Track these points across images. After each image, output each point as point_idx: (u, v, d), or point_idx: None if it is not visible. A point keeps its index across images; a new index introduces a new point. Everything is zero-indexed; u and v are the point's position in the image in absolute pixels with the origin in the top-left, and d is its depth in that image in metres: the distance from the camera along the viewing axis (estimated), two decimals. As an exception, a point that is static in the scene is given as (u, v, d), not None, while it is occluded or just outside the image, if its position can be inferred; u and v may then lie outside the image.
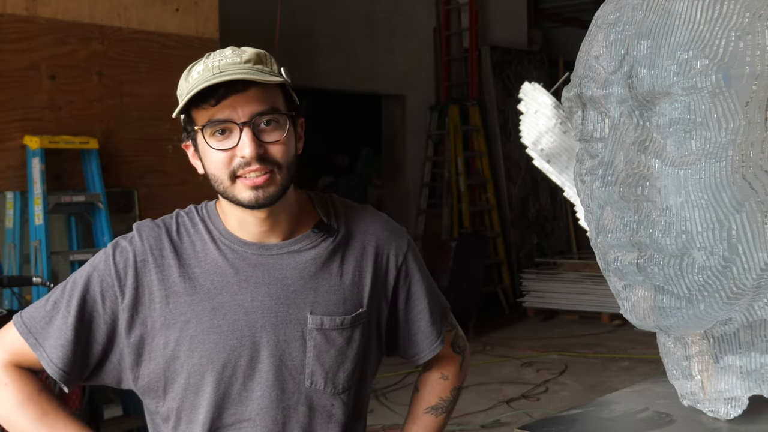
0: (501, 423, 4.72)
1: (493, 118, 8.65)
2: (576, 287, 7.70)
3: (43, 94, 3.97)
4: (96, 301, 1.38)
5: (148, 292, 1.38)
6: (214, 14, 4.62)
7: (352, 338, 1.43)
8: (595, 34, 1.12)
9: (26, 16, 3.91)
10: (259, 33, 6.14)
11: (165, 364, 1.38)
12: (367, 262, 1.47)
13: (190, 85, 1.32)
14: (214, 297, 1.38)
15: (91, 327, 1.38)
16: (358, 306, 1.44)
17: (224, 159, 1.32)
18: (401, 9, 8.35)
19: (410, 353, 1.56)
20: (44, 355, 1.37)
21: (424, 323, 1.54)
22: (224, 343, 1.37)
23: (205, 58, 1.35)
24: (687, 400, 1.23)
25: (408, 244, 1.53)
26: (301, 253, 1.42)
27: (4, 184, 3.88)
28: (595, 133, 1.13)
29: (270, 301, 1.39)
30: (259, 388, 1.39)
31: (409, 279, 1.52)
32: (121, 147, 4.19)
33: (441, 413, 1.61)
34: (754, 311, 1.08)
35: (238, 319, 1.38)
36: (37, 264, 3.77)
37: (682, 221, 1.01)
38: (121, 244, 1.41)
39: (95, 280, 1.38)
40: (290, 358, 1.40)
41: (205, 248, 1.41)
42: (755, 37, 0.97)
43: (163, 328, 1.38)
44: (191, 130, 1.36)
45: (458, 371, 1.63)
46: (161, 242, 1.40)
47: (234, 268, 1.39)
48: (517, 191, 8.77)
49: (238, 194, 1.34)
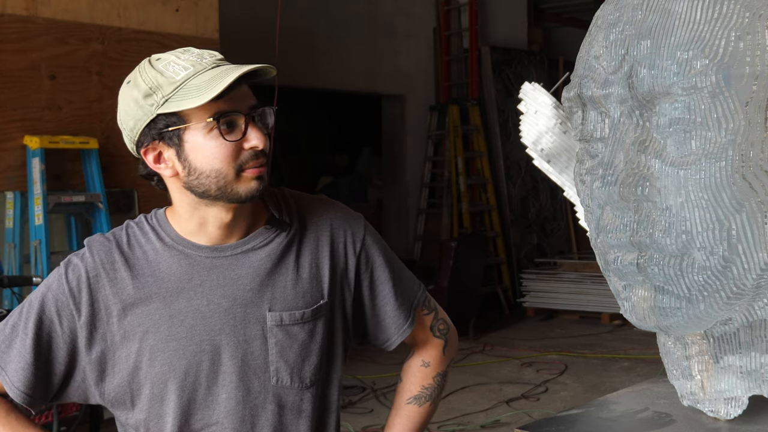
0: (501, 423, 4.72)
1: (493, 118, 8.65)
2: (576, 287, 7.70)
3: (43, 94, 3.97)
4: (53, 321, 1.37)
5: (104, 306, 1.37)
6: (214, 14, 4.63)
7: (314, 331, 1.42)
8: (595, 34, 1.12)
9: (26, 16, 3.91)
10: (259, 33, 6.15)
11: (129, 376, 1.38)
12: (323, 252, 1.45)
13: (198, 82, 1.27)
14: (170, 305, 1.37)
15: (50, 347, 1.37)
16: (318, 298, 1.43)
17: (233, 152, 1.30)
18: (401, 9, 8.35)
19: (381, 340, 1.54)
20: (6, 380, 1.37)
21: (390, 307, 1.51)
22: (184, 349, 1.37)
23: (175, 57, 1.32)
24: (687, 400, 1.23)
25: (365, 228, 1.50)
26: (255, 251, 1.40)
27: (4, 184, 3.88)
28: (595, 133, 1.13)
29: (226, 302, 1.38)
30: (224, 390, 1.38)
31: (371, 264, 1.50)
32: (121, 147, 4.16)
33: (425, 401, 1.59)
34: (754, 311, 1.08)
35: (196, 324, 1.37)
36: (37, 264, 3.77)
37: (682, 221, 1.01)
38: (73, 261, 1.39)
39: (50, 300, 1.37)
40: (253, 358, 1.39)
41: (158, 257, 1.39)
42: (755, 37, 0.97)
43: (123, 340, 1.37)
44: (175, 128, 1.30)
45: (441, 356, 1.60)
46: (112, 255, 1.38)
47: (188, 274, 1.38)
48: (517, 191, 8.77)
49: (240, 187, 1.32)
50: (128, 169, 4.21)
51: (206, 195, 1.34)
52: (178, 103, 1.28)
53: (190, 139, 1.31)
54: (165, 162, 1.34)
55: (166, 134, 1.31)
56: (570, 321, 7.75)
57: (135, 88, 1.32)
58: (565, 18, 10.32)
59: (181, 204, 1.38)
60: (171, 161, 1.34)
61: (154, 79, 1.30)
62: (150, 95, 1.30)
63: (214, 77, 1.27)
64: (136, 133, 1.34)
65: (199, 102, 1.26)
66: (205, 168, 1.31)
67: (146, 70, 1.33)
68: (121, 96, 1.36)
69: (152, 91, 1.30)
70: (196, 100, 1.26)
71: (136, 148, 1.36)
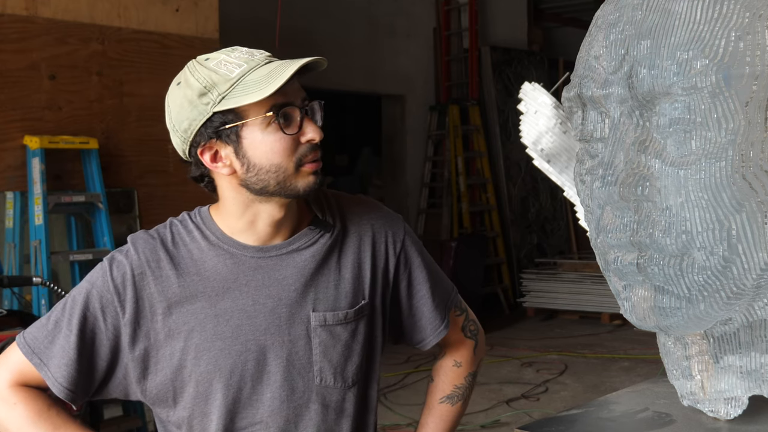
0: (501, 423, 4.72)
1: (493, 118, 8.65)
2: (576, 287, 7.70)
3: (43, 94, 3.97)
4: (97, 318, 1.37)
5: (148, 304, 1.37)
6: (214, 14, 4.62)
7: (356, 331, 1.43)
8: (595, 34, 1.12)
9: (26, 16, 3.91)
10: (259, 33, 6.15)
11: (172, 374, 1.38)
12: (365, 253, 1.46)
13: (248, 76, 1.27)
14: (215, 304, 1.37)
15: (93, 344, 1.37)
16: (360, 298, 1.44)
17: (291, 146, 1.30)
18: (401, 9, 8.35)
19: (416, 340, 1.56)
20: (49, 375, 1.37)
21: (427, 308, 1.53)
22: (229, 349, 1.37)
23: (225, 56, 1.31)
24: (687, 400, 1.23)
25: (404, 229, 1.52)
26: (299, 252, 1.41)
27: (4, 184, 3.88)
28: (595, 133, 1.13)
29: (272, 303, 1.38)
30: (268, 390, 1.39)
31: (410, 265, 1.51)
32: (121, 147, 4.19)
33: (457, 401, 1.61)
34: (754, 311, 1.08)
35: (242, 324, 1.38)
36: (37, 264, 3.77)
37: (682, 221, 1.01)
38: (117, 258, 1.39)
39: (94, 297, 1.37)
40: (297, 358, 1.40)
41: (203, 255, 1.39)
42: (755, 37, 0.97)
43: (168, 338, 1.37)
44: (232, 125, 1.29)
45: (472, 356, 1.62)
46: (157, 253, 1.38)
47: (234, 274, 1.38)
48: (517, 191, 8.77)
49: (299, 182, 1.32)
50: (128, 169, 4.22)
51: (264, 191, 1.33)
52: (237, 99, 1.27)
53: (248, 135, 1.30)
54: (222, 161, 1.33)
55: (223, 132, 1.31)
56: (570, 321, 7.75)
57: (188, 89, 1.31)
58: (565, 18, 10.32)
59: (233, 202, 1.37)
60: (228, 159, 1.33)
61: (207, 77, 1.29)
62: (205, 94, 1.29)
63: (271, 72, 1.27)
64: (190, 134, 1.33)
65: (262, 95, 1.25)
66: (265, 163, 1.31)
67: (197, 69, 1.31)
68: (171, 98, 1.35)
69: (207, 89, 1.29)
70: (257, 95, 1.26)
71: (190, 148, 1.35)
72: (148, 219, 4.21)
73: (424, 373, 5.64)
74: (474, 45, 8.57)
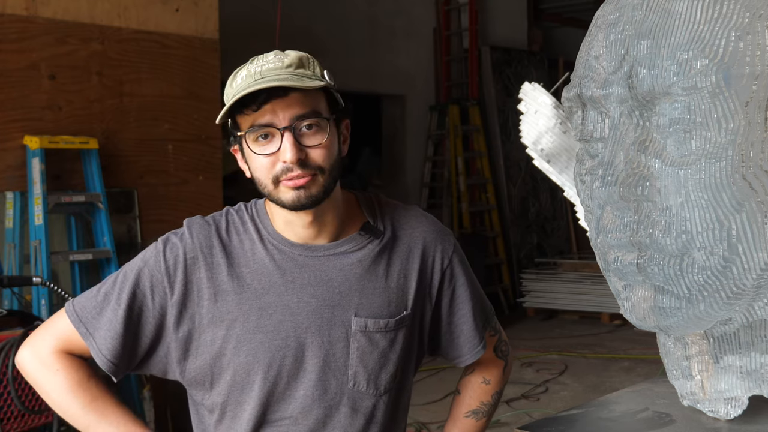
0: (501, 423, 4.71)
1: (493, 118, 8.65)
2: (576, 287, 7.70)
3: (43, 94, 3.96)
4: (146, 295, 1.40)
5: (197, 289, 1.40)
6: (214, 14, 4.62)
7: (395, 340, 1.44)
8: (595, 34, 1.12)
9: (26, 16, 3.91)
10: (259, 33, 6.15)
11: (211, 360, 1.40)
12: (413, 264, 1.47)
13: (234, 90, 1.33)
14: (261, 297, 1.39)
15: (140, 320, 1.40)
16: (402, 308, 1.45)
17: (267, 164, 1.33)
18: (401, 9, 8.35)
19: (452, 356, 1.57)
20: (94, 345, 1.39)
21: (467, 327, 1.54)
22: (270, 343, 1.39)
23: (249, 63, 1.35)
24: (687, 400, 1.23)
25: (454, 246, 1.53)
26: (347, 255, 1.43)
27: (4, 184, 3.87)
28: (595, 133, 1.13)
29: (315, 302, 1.40)
30: (302, 387, 1.41)
31: (454, 282, 1.52)
32: (121, 147, 4.19)
33: (482, 417, 1.63)
34: (754, 311, 1.08)
35: (284, 320, 1.39)
36: (37, 264, 3.77)
37: (682, 221, 1.01)
38: (172, 240, 1.42)
39: (146, 275, 1.40)
40: (334, 359, 1.41)
41: (254, 248, 1.42)
42: (755, 37, 0.97)
43: (211, 324, 1.39)
44: (236, 135, 1.37)
45: (501, 376, 1.64)
46: (211, 240, 1.42)
47: (281, 269, 1.40)
48: (517, 191, 8.77)
49: (282, 196, 1.34)
50: (128, 169, 4.21)
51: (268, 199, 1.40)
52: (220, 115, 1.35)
53: (245, 146, 1.36)
54: (243, 163, 1.41)
55: (234, 139, 1.39)
56: (570, 321, 7.75)
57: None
58: (565, 18, 10.32)
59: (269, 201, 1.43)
60: (243, 163, 1.41)
61: (229, 82, 1.37)
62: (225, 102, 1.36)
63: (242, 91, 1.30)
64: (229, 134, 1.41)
65: (219, 117, 1.34)
66: (255, 174, 1.37)
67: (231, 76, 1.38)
68: None
69: (225, 99, 1.36)
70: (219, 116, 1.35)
71: None
72: (148, 219, 4.21)
73: (425, 373, 5.64)
74: (474, 45, 8.57)
